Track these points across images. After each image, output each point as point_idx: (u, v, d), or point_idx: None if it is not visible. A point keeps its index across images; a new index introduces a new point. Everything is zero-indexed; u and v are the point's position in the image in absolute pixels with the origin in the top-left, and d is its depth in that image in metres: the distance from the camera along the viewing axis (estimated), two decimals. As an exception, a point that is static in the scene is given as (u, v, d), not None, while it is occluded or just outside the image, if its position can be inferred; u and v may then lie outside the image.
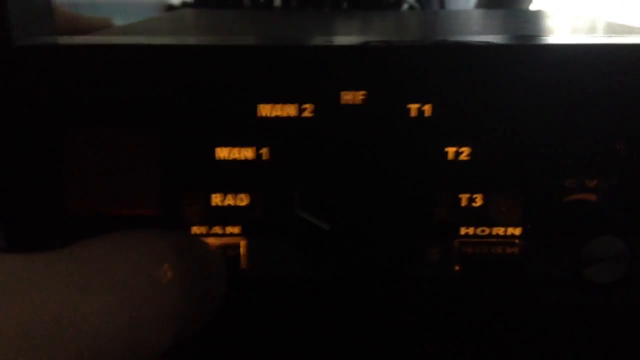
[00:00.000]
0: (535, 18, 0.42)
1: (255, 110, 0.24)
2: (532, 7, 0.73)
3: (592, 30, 0.34)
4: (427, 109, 0.24)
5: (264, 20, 0.43)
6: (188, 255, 0.18)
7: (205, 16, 0.46)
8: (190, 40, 0.26)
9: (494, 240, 0.26)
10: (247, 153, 0.25)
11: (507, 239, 0.25)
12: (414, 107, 0.24)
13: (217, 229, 0.25)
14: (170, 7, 0.57)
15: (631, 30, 0.32)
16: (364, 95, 0.24)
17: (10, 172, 0.24)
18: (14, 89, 0.24)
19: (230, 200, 0.25)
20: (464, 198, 0.25)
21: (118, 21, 0.40)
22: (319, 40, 0.26)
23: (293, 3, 0.55)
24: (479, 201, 0.25)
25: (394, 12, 0.53)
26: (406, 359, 0.25)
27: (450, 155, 0.25)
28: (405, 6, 0.58)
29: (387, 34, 0.33)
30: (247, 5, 0.57)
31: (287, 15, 0.49)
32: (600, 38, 0.27)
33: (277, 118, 0.24)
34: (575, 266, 0.23)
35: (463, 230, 0.26)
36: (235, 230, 0.26)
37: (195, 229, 0.25)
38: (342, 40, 0.26)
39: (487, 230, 0.25)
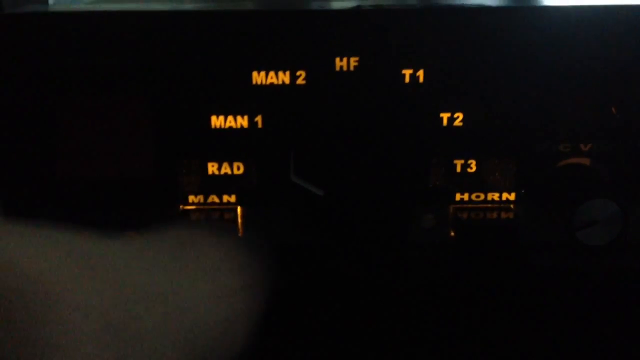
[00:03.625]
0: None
1: (249, 77, 0.24)
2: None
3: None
4: (421, 74, 0.24)
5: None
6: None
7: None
8: (185, 6, 0.26)
9: (489, 205, 0.26)
10: (242, 121, 0.25)
11: (502, 204, 0.26)
12: (407, 73, 0.24)
13: (213, 198, 0.26)
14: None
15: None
16: (357, 61, 0.24)
17: (5, 140, 0.24)
18: (6, 56, 0.24)
19: (226, 169, 0.25)
20: (459, 164, 0.25)
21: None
22: (312, 6, 0.25)
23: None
24: (473, 167, 0.25)
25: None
26: (401, 323, 0.26)
27: (445, 121, 0.25)
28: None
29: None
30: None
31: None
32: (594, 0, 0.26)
33: (270, 85, 0.24)
34: (568, 229, 0.23)
35: (458, 196, 0.26)
36: (232, 198, 0.26)
37: (192, 198, 0.25)
38: (334, 5, 0.26)
39: (481, 196, 0.26)
